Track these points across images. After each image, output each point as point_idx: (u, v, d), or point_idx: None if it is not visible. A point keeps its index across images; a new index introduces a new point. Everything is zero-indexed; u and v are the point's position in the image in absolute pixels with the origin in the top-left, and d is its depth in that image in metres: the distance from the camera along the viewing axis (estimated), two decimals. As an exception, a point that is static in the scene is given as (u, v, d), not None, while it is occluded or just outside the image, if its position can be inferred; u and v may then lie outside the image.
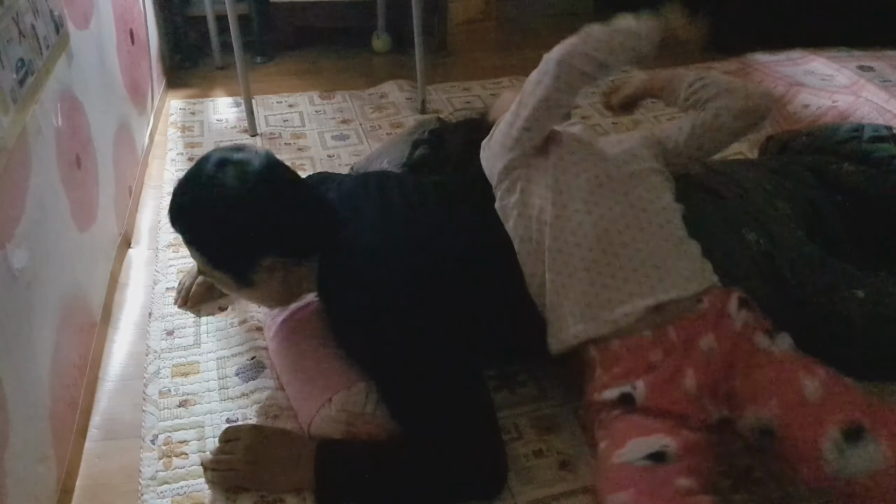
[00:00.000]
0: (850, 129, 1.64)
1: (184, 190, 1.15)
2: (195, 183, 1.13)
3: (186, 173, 1.16)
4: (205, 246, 1.17)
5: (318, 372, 1.23)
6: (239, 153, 1.14)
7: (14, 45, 1.15)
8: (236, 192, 1.10)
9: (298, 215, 1.15)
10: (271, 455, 1.14)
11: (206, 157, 1.15)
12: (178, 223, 1.16)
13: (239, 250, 1.14)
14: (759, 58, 2.76)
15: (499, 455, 1.11)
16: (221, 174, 1.11)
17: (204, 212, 1.12)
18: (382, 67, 2.86)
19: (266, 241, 1.13)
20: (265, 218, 1.11)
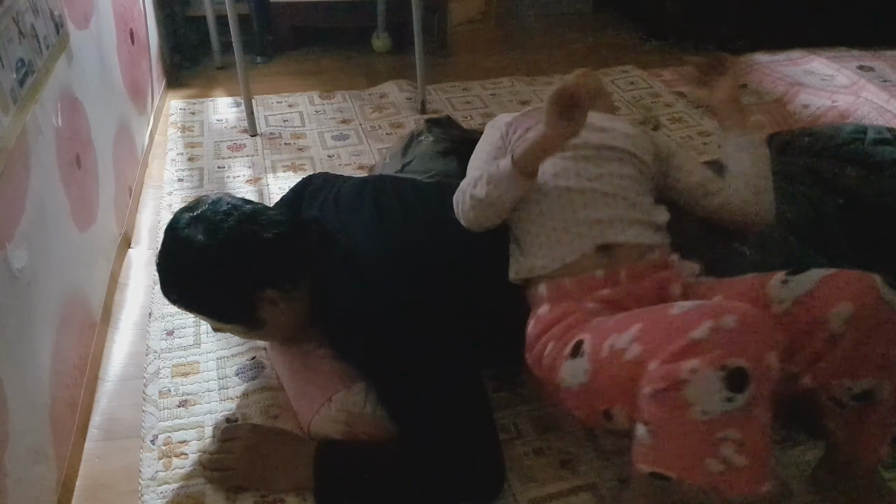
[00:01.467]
0: (853, 130, 1.63)
1: (163, 265, 1.16)
2: (170, 254, 1.15)
3: (160, 247, 1.17)
4: (204, 308, 1.19)
5: (317, 372, 1.23)
6: (199, 208, 1.15)
7: (14, 45, 1.15)
8: (209, 249, 1.11)
9: (276, 244, 1.15)
10: (269, 455, 1.14)
11: (171, 224, 1.16)
12: (171, 297, 1.17)
13: (234, 298, 1.15)
14: (759, 58, 2.76)
15: (497, 456, 1.11)
16: (191, 235, 1.12)
17: (188, 278, 1.14)
18: (382, 67, 2.87)
19: (255, 279, 1.14)
20: (244, 259, 1.13)
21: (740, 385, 0.82)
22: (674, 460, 0.87)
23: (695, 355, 0.83)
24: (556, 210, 1.17)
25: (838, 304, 0.93)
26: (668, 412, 0.85)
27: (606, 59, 2.88)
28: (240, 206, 1.17)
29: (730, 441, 0.83)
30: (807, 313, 0.95)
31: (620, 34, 3.23)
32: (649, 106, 2.47)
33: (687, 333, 0.85)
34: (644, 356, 0.89)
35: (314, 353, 1.26)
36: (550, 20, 3.44)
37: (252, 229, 1.14)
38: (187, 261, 1.13)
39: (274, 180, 2.02)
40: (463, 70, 2.84)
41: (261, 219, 1.17)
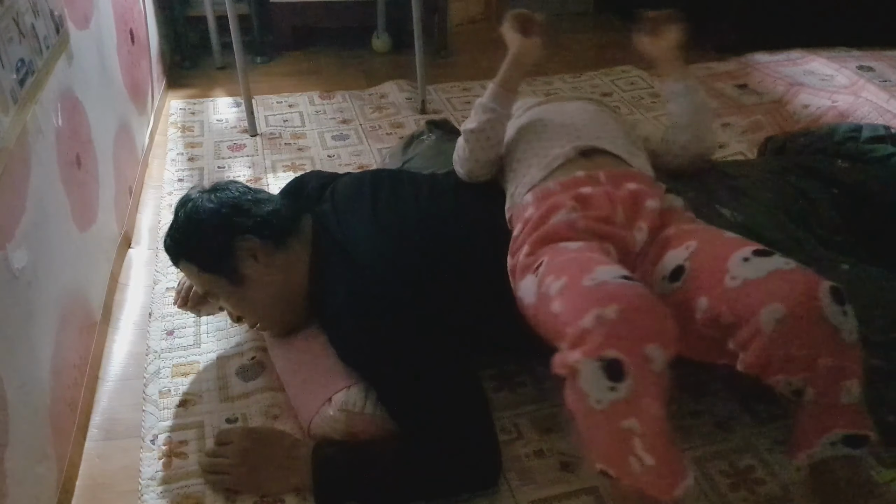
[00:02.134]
0: (848, 129, 1.64)
1: (169, 226, 1.30)
2: (175, 214, 1.29)
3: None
4: (189, 253, 1.26)
5: (317, 372, 1.23)
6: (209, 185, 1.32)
7: (14, 45, 1.15)
8: (206, 199, 1.26)
9: (264, 202, 1.28)
10: (265, 458, 1.14)
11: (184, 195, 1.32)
12: (168, 249, 1.29)
13: (215, 239, 1.23)
14: (759, 58, 2.76)
15: (493, 448, 1.12)
16: (192, 195, 1.28)
17: (179, 227, 1.27)
18: (382, 67, 2.87)
19: (237, 221, 1.23)
20: (231, 204, 1.25)
21: (618, 375, 0.85)
22: (605, 456, 0.92)
23: (580, 345, 0.88)
24: (541, 133, 1.29)
25: (773, 303, 0.93)
26: (575, 402, 0.91)
27: (606, 59, 2.88)
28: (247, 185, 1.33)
29: (636, 436, 0.87)
30: (747, 298, 0.96)
31: (621, 34, 3.23)
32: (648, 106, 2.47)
33: (579, 321, 0.89)
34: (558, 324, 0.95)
35: (314, 352, 1.26)
36: (550, 20, 3.42)
37: (246, 189, 1.30)
38: (184, 212, 1.26)
39: (274, 180, 2.02)
40: (463, 70, 2.84)
41: (261, 191, 1.33)
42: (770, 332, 0.92)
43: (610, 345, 0.86)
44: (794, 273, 0.96)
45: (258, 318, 1.32)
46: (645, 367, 0.86)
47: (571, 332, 0.90)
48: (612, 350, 0.86)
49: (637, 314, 0.88)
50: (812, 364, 0.93)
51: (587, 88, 2.63)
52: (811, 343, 0.93)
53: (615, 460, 0.90)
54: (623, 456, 0.89)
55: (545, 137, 1.27)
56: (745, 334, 0.95)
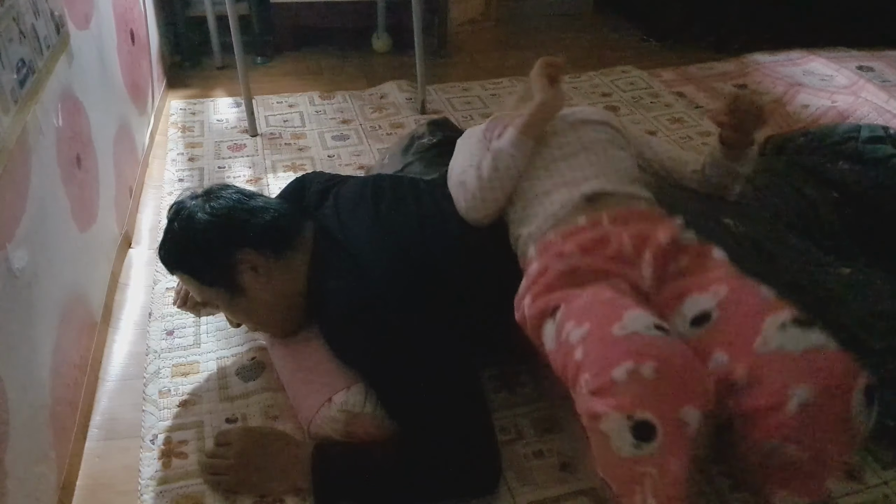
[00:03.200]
0: (847, 129, 1.64)
1: (164, 232, 1.27)
2: (170, 222, 1.26)
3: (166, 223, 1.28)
4: (188, 264, 1.25)
5: (317, 372, 1.23)
6: (203, 189, 1.28)
7: (14, 45, 1.15)
8: (201, 208, 1.23)
9: (262, 211, 1.25)
10: (263, 459, 1.14)
11: (176, 200, 1.29)
12: (164, 259, 1.27)
13: (215, 251, 1.21)
14: (759, 58, 2.76)
15: (493, 451, 1.12)
16: (188, 203, 1.25)
17: (176, 239, 1.24)
18: (382, 67, 2.87)
19: (236, 235, 1.21)
20: (230, 215, 1.22)
21: (647, 435, 0.83)
22: (612, 479, 0.91)
23: (609, 396, 0.84)
24: (543, 177, 1.22)
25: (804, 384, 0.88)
26: (594, 436, 0.89)
27: (606, 59, 2.88)
28: (241, 188, 1.29)
29: (649, 477, 0.85)
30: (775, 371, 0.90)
31: (620, 34, 3.23)
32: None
33: (610, 370, 0.85)
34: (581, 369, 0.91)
35: (314, 353, 1.26)
36: (550, 20, 3.44)
37: (243, 198, 1.26)
38: (180, 222, 1.23)
39: (274, 180, 2.02)
40: (463, 70, 2.84)
41: (256, 196, 1.29)
42: (792, 412, 0.88)
43: (644, 405, 0.82)
44: (830, 357, 0.90)
45: (258, 325, 1.32)
46: (678, 430, 0.83)
47: (598, 381, 0.86)
48: (645, 412, 0.82)
49: (675, 375, 0.84)
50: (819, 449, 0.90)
51: (587, 88, 2.63)
52: (829, 433, 0.89)
53: (620, 486, 0.89)
54: (630, 486, 0.87)
55: (548, 182, 1.21)
56: (761, 402, 0.90)
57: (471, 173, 1.25)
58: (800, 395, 0.87)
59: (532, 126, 1.23)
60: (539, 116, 1.24)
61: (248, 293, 1.22)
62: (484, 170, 1.23)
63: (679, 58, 2.89)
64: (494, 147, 1.24)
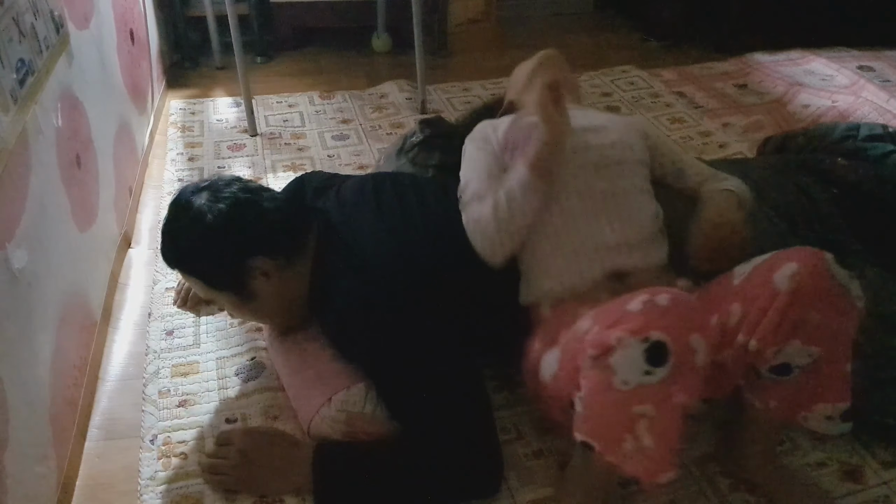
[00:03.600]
0: (846, 128, 1.64)
1: (165, 230, 1.21)
2: (174, 218, 1.20)
3: (165, 216, 1.22)
4: (198, 270, 1.22)
5: (317, 372, 1.23)
6: (205, 181, 1.22)
7: (14, 45, 1.15)
8: (209, 209, 1.16)
9: (274, 214, 1.20)
10: (264, 459, 1.14)
11: (179, 191, 1.23)
12: (170, 260, 1.22)
13: (228, 260, 1.18)
14: (759, 58, 2.76)
15: (495, 453, 1.12)
16: (193, 201, 1.18)
17: (185, 239, 1.19)
18: (382, 67, 2.87)
19: (250, 244, 1.17)
20: (242, 223, 1.17)
21: (659, 359, 0.84)
22: (598, 431, 0.91)
23: (623, 324, 0.86)
24: (563, 234, 1.17)
25: (785, 265, 0.96)
26: (596, 380, 0.89)
27: (606, 59, 2.88)
28: (244, 180, 1.23)
29: (645, 419, 0.86)
30: (758, 276, 0.99)
31: (620, 34, 3.23)
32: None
33: (624, 305, 0.89)
34: (590, 327, 0.93)
35: (314, 353, 1.26)
36: (550, 20, 3.44)
37: (252, 198, 1.20)
38: (186, 221, 1.17)
39: (274, 180, 2.02)
40: (463, 70, 2.84)
41: (263, 193, 1.23)
42: (787, 291, 0.93)
43: (657, 327, 0.85)
44: (793, 248, 0.99)
45: (262, 322, 1.32)
46: (687, 356, 0.86)
47: (611, 317, 0.89)
48: (659, 332, 0.84)
49: (687, 302, 0.89)
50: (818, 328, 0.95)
51: (587, 88, 2.62)
52: (827, 304, 0.94)
53: (608, 436, 0.90)
54: (619, 434, 0.89)
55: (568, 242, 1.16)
56: (759, 305, 0.95)
57: (488, 218, 1.16)
58: (784, 272, 0.94)
59: (543, 165, 1.14)
60: (551, 153, 1.14)
61: (258, 297, 1.21)
62: (502, 218, 1.15)
63: (679, 58, 2.89)
64: (506, 190, 1.16)
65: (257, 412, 1.28)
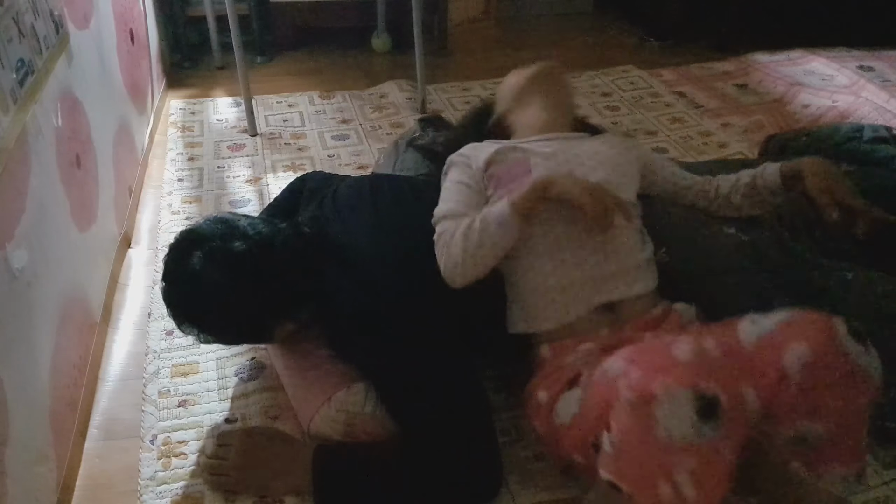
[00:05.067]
0: (850, 129, 1.64)
1: (178, 299, 1.13)
2: (187, 293, 1.12)
3: (169, 281, 1.13)
4: (222, 339, 1.22)
5: (317, 372, 1.23)
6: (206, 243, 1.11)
7: (14, 44, 1.15)
8: (229, 287, 1.10)
9: (294, 274, 1.16)
10: (264, 460, 1.14)
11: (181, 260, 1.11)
12: (187, 329, 1.15)
13: (252, 334, 1.24)
14: (759, 58, 2.76)
15: (495, 457, 1.11)
16: (208, 275, 1.09)
17: (207, 317, 1.14)
18: (382, 67, 2.87)
19: (274, 316, 1.19)
20: (267, 297, 1.14)
21: (711, 414, 0.79)
22: (629, 474, 0.87)
23: (671, 373, 0.81)
24: (549, 269, 1.15)
25: (794, 344, 0.90)
26: (634, 425, 0.84)
27: (606, 59, 2.88)
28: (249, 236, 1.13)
29: (685, 469, 0.81)
30: (766, 352, 0.92)
31: (620, 34, 3.23)
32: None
33: (669, 350, 0.84)
34: (625, 368, 0.87)
35: (314, 353, 1.26)
36: (550, 20, 3.44)
37: (269, 262, 1.13)
38: (204, 298, 1.12)
39: (274, 180, 2.02)
40: (463, 70, 2.84)
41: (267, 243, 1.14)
42: (797, 378, 0.89)
43: (711, 380, 0.79)
44: (805, 316, 0.93)
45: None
46: (740, 410, 0.81)
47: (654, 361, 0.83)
48: (713, 386, 0.79)
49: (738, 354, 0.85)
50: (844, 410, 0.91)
51: (587, 88, 2.62)
52: (842, 387, 0.90)
53: (642, 481, 0.85)
54: (655, 480, 0.83)
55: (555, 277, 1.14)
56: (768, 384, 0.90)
57: (456, 241, 1.12)
58: (795, 354, 0.89)
59: (527, 206, 1.10)
60: (536, 199, 1.11)
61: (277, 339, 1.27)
62: (470, 244, 1.10)
63: (679, 58, 2.89)
64: (484, 215, 1.12)
65: (257, 412, 1.28)
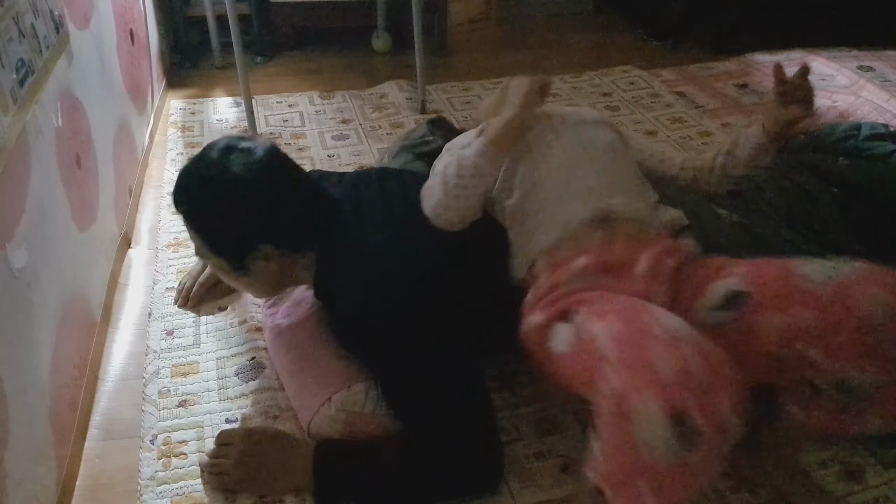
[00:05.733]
0: (848, 127, 1.64)
1: (188, 173, 1.17)
2: (200, 167, 1.16)
3: (193, 157, 1.18)
4: (204, 230, 1.19)
5: (317, 372, 1.23)
6: (245, 142, 1.17)
7: (14, 44, 1.15)
8: (238, 180, 1.12)
9: (298, 207, 1.17)
10: (264, 459, 1.14)
11: (213, 143, 1.18)
12: (180, 205, 1.17)
13: (237, 237, 1.16)
14: (759, 58, 2.76)
15: (496, 451, 1.12)
16: (226, 161, 1.13)
17: (206, 197, 1.15)
18: (382, 67, 2.86)
19: (264, 231, 1.15)
20: (265, 208, 1.14)
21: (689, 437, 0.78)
22: (611, 480, 0.87)
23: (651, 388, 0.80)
24: (548, 185, 1.18)
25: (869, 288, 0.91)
26: (615, 434, 0.84)
27: (606, 59, 2.88)
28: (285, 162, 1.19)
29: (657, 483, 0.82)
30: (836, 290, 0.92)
31: (621, 34, 3.23)
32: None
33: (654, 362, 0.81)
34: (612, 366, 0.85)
35: (314, 353, 1.26)
36: (550, 20, 3.44)
37: (280, 183, 1.16)
38: (209, 177, 1.14)
39: (274, 180, 2.02)
40: (463, 70, 2.84)
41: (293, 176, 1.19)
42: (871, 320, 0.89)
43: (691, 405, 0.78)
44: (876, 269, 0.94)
45: (243, 290, 1.34)
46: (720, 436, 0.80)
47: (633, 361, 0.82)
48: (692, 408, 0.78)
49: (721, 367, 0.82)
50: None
51: (587, 88, 2.62)
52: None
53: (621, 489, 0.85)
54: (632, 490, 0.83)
55: (553, 190, 1.18)
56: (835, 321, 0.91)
57: (436, 179, 1.18)
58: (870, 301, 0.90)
59: (502, 139, 1.16)
60: (512, 130, 1.18)
61: (251, 274, 1.20)
62: (449, 177, 1.16)
63: (679, 58, 2.89)
64: (459, 154, 1.18)
65: (257, 412, 1.28)
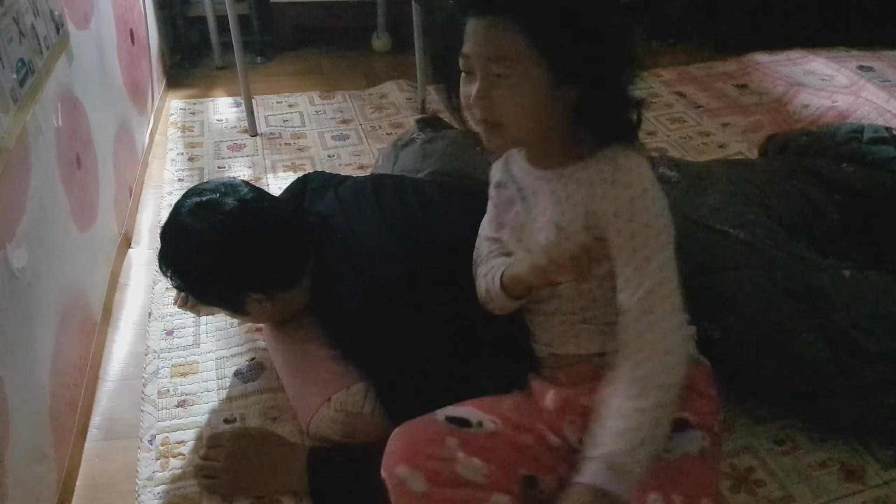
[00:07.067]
0: (850, 130, 1.63)
1: (164, 235, 1.19)
2: (172, 232, 1.18)
3: (166, 221, 1.20)
4: (190, 289, 1.25)
5: (316, 372, 1.23)
6: (206, 194, 1.16)
7: (14, 45, 1.15)
8: (211, 243, 1.13)
9: (279, 253, 1.18)
10: (257, 460, 1.14)
11: (178, 204, 1.18)
12: (163, 268, 1.20)
13: (222, 291, 1.20)
14: (759, 58, 2.76)
15: None
16: (194, 221, 1.14)
17: (182, 261, 1.17)
18: (382, 67, 2.86)
19: (248, 284, 1.17)
20: (242, 264, 1.15)
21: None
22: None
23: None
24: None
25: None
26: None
27: (606, 60, 2.88)
28: (247, 200, 1.17)
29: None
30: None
31: (620, 34, 3.23)
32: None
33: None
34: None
35: (314, 353, 1.26)
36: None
37: (255, 229, 1.16)
38: (184, 246, 1.16)
39: (274, 180, 2.02)
40: (463, 70, 2.83)
41: (268, 216, 1.18)
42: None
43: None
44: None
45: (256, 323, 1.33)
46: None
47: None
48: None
49: None
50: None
51: (587, 88, 2.62)
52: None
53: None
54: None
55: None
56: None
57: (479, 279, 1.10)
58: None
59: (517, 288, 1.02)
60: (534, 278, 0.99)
61: (252, 315, 1.24)
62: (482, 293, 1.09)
63: (679, 58, 2.89)
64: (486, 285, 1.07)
65: (257, 413, 1.28)
